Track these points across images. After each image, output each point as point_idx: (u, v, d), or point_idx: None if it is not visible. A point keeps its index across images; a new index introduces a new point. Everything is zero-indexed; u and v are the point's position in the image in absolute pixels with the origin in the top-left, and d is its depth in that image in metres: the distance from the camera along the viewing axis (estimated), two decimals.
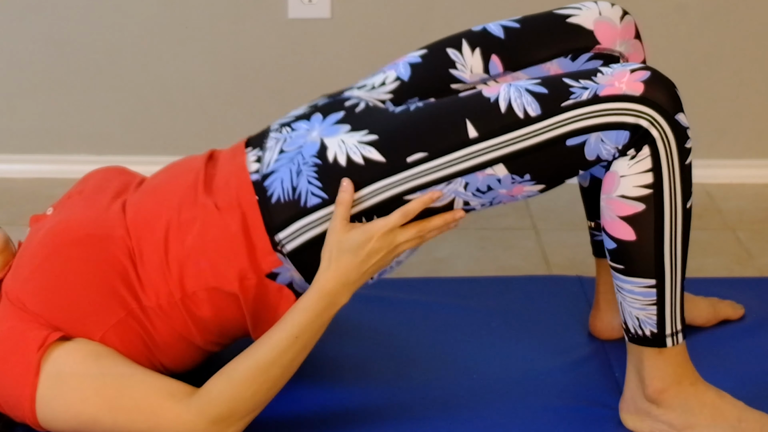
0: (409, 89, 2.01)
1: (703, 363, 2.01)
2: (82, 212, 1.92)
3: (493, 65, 2.01)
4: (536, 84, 1.82)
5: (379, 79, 2.02)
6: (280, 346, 1.81)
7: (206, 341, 1.92)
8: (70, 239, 1.87)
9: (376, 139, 1.84)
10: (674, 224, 1.83)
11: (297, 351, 1.82)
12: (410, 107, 1.88)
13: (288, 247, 1.86)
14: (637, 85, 1.78)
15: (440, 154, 1.82)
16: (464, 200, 1.85)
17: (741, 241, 2.76)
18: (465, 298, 2.36)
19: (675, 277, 1.86)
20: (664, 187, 1.81)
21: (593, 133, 1.79)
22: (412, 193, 1.83)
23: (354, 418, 1.98)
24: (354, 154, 1.84)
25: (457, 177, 1.82)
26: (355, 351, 2.18)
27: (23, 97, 3.07)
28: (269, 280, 1.87)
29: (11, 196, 2.99)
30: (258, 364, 1.81)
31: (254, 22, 3.01)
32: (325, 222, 1.84)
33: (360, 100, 1.95)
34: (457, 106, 1.84)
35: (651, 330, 1.88)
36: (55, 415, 1.81)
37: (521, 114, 1.80)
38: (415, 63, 2.03)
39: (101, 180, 2.03)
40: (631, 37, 2.05)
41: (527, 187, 1.85)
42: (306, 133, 1.90)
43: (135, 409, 1.79)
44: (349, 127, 1.87)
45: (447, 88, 2.01)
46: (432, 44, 2.05)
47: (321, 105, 1.96)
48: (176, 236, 1.87)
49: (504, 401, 2.02)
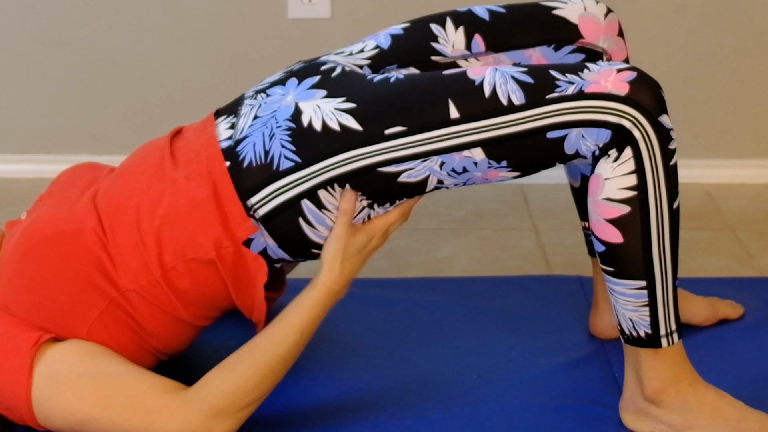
0: (388, 57, 2.01)
1: (703, 363, 2.01)
2: (52, 211, 1.92)
3: (475, 43, 2.02)
4: (522, 72, 1.82)
5: (357, 47, 2.03)
6: (287, 341, 1.84)
7: (193, 315, 1.92)
8: (41, 239, 1.87)
9: (354, 107, 1.84)
10: (661, 225, 1.83)
11: (301, 345, 1.86)
12: (390, 78, 1.87)
13: (260, 212, 1.85)
14: (623, 86, 1.78)
15: (419, 131, 1.81)
16: (438, 178, 1.85)
17: (741, 241, 2.76)
18: (465, 298, 2.36)
19: (665, 277, 1.85)
20: (648, 188, 1.81)
21: (575, 129, 1.79)
22: (387, 166, 1.83)
23: (354, 417, 1.98)
24: (330, 120, 1.83)
25: (434, 155, 1.82)
26: (355, 351, 2.18)
27: (23, 97, 3.07)
28: (246, 248, 1.87)
29: (11, 196, 2.99)
30: (263, 356, 1.82)
31: (254, 22, 3.01)
32: (298, 186, 1.84)
33: (336, 65, 1.94)
34: (440, 84, 1.84)
35: (645, 331, 1.88)
36: (53, 414, 1.81)
37: (505, 101, 1.80)
38: (397, 34, 2.03)
39: (70, 178, 2.03)
40: (614, 34, 2.06)
41: (502, 173, 1.85)
42: (281, 98, 1.89)
43: (130, 407, 1.79)
44: (325, 92, 1.87)
45: (427, 59, 2.02)
46: (415, 19, 2.05)
47: (296, 70, 1.96)
48: (147, 212, 1.86)
49: (504, 401, 2.02)
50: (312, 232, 1.87)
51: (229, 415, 1.81)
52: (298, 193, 1.84)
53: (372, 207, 1.88)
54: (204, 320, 1.95)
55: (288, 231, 1.87)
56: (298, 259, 1.93)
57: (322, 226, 1.87)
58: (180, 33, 3.02)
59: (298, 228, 1.86)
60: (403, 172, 1.83)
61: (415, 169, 1.83)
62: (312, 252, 1.91)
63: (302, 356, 2.15)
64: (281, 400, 2.01)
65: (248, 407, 1.83)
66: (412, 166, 1.83)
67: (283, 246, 1.88)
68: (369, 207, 1.88)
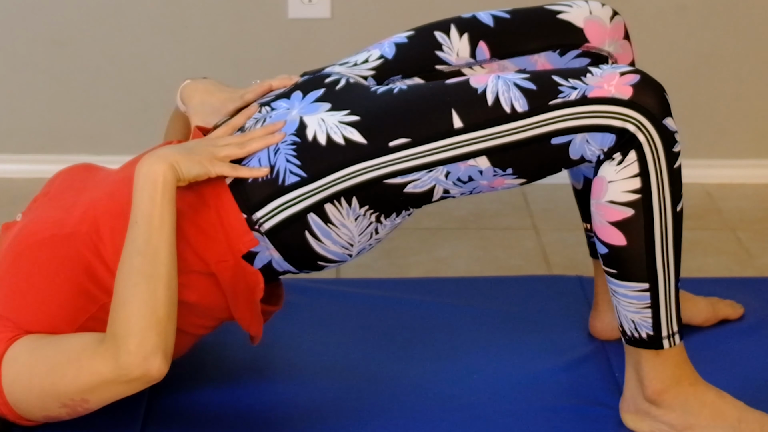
0: (393, 67, 2.01)
1: (703, 363, 2.01)
2: (47, 213, 1.92)
3: (480, 51, 2.01)
4: (525, 79, 1.82)
5: (362, 57, 2.02)
6: (136, 243, 1.75)
7: (191, 324, 1.91)
8: (35, 241, 1.87)
9: (358, 120, 1.84)
10: (664, 228, 1.83)
11: (145, 236, 1.76)
12: (394, 89, 1.87)
13: (266, 226, 1.85)
14: (626, 89, 1.78)
15: (423, 142, 1.81)
16: (444, 188, 1.85)
17: (741, 241, 2.76)
18: (465, 298, 2.36)
19: (668, 279, 1.85)
20: (653, 191, 1.81)
21: (579, 134, 1.79)
22: (392, 178, 1.82)
23: (353, 417, 1.98)
24: (334, 134, 1.83)
25: (438, 165, 1.82)
26: (355, 350, 2.18)
27: (23, 97, 3.07)
28: (245, 262, 1.86)
29: (11, 196, 2.99)
30: (123, 272, 1.75)
31: (254, 22, 3.01)
32: (304, 200, 1.84)
33: (341, 77, 1.94)
34: (443, 94, 1.84)
35: (647, 332, 1.88)
36: (18, 396, 1.80)
37: (508, 108, 1.80)
38: (401, 43, 2.03)
39: (66, 179, 2.02)
40: (620, 37, 2.06)
41: (508, 180, 1.85)
42: (286, 112, 1.89)
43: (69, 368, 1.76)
44: (330, 105, 1.87)
45: (432, 69, 2.01)
46: (419, 27, 2.05)
47: (301, 82, 1.95)
48: None
49: (504, 401, 2.02)
50: (318, 246, 1.87)
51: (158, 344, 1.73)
52: (305, 207, 1.84)
53: (379, 220, 1.87)
54: (201, 329, 1.95)
55: (294, 244, 1.86)
56: (303, 270, 1.92)
57: (329, 240, 1.86)
58: (180, 33, 3.02)
59: (304, 241, 1.86)
60: (408, 183, 1.83)
61: (421, 179, 1.83)
62: (318, 264, 1.90)
63: (302, 357, 2.16)
64: (280, 400, 2.01)
65: (159, 326, 1.74)
66: (417, 177, 1.83)
67: (289, 259, 1.88)
68: (377, 220, 1.87)
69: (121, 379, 1.73)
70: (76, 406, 1.79)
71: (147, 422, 1.96)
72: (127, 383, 1.74)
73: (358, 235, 1.87)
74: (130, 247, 1.77)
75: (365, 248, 1.91)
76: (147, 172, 1.77)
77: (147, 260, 1.75)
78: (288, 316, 2.24)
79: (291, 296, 2.32)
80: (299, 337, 2.21)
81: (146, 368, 1.72)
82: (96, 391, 1.76)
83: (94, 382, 1.75)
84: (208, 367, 2.13)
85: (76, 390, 1.76)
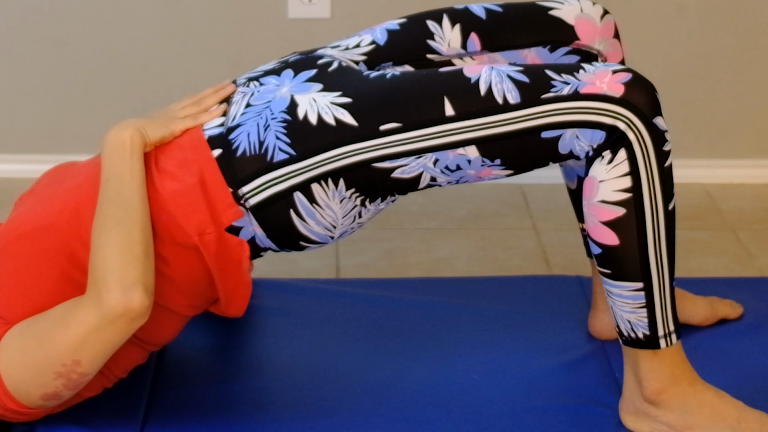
0: (384, 53, 2.01)
1: (702, 362, 2.01)
2: (31, 209, 1.93)
3: (471, 42, 2.02)
4: (518, 71, 1.82)
5: (354, 41, 2.03)
6: (101, 200, 1.81)
7: (178, 304, 1.90)
8: (17, 235, 1.88)
9: (349, 102, 1.84)
10: (657, 227, 1.83)
11: (117, 189, 1.81)
12: (387, 74, 1.88)
13: (252, 201, 1.85)
14: (618, 87, 1.79)
15: (414, 127, 1.82)
16: (431, 176, 1.85)
17: (741, 241, 2.76)
18: (465, 298, 2.36)
19: (662, 278, 1.85)
20: (643, 190, 1.81)
21: (569, 129, 1.80)
22: (381, 162, 1.83)
23: (353, 417, 1.98)
24: (326, 114, 1.84)
25: (428, 152, 1.82)
26: (355, 350, 2.18)
27: (23, 97, 3.07)
28: (229, 234, 1.86)
29: (11, 196, 2.98)
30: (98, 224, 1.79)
31: (254, 22, 3.01)
32: (291, 178, 1.84)
33: (333, 59, 1.95)
34: (436, 81, 1.84)
35: (643, 332, 1.88)
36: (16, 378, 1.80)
37: (500, 100, 1.80)
38: (393, 30, 2.03)
39: (52, 177, 2.03)
40: (610, 36, 2.07)
41: (495, 171, 1.85)
42: (275, 88, 1.90)
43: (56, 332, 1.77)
44: (321, 86, 1.87)
45: (422, 57, 2.02)
46: (412, 15, 2.05)
47: (292, 61, 1.96)
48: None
49: (504, 401, 2.02)
50: (302, 225, 1.87)
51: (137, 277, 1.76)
52: (292, 185, 1.84)
53: (364, 204, 1.88)
54: (189, 309, 1.94)
55: (278, 222, 1.86)
56: (284, 249, 1.92)
57: (312, 220, 1.87)
58: (180, 33, 3.02)
59: (288, 219, 1.86)
60: (396, 168, 1.84)
61: (409, 165, 1.83)
62: (300, 244, 1.90)
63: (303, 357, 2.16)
64: (280, 400, 2.01)
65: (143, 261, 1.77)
66: (405, 162, 1.83)
67: (272, 236, 1.88)
68: (361, 204, 1.88)
69: (105, 320, 1.74)
70: (70, 372, 1.78)
71: (147, 422, 1.96)
72: (112, 324, 1.75)
73: (341, 217, 1.87)
74: (102, 201, 1.81)
75: (347, 231, 1.91)
76: (114, 138, 1.85)
77: (120, 208, 1.79)
78: (288, 316, 2.24)
79: (291, 296, 2.32)
80: (299, 337, 2.21)
81: (127, 302, 1.74)
82: (85, 346, 1.76)
83: (81, 335, 1.76)
84: (207, 367, 2.13)
85: (66, 350, 1.77)
